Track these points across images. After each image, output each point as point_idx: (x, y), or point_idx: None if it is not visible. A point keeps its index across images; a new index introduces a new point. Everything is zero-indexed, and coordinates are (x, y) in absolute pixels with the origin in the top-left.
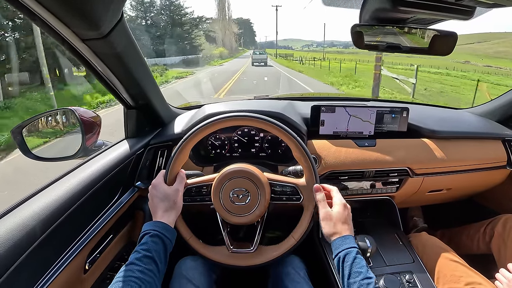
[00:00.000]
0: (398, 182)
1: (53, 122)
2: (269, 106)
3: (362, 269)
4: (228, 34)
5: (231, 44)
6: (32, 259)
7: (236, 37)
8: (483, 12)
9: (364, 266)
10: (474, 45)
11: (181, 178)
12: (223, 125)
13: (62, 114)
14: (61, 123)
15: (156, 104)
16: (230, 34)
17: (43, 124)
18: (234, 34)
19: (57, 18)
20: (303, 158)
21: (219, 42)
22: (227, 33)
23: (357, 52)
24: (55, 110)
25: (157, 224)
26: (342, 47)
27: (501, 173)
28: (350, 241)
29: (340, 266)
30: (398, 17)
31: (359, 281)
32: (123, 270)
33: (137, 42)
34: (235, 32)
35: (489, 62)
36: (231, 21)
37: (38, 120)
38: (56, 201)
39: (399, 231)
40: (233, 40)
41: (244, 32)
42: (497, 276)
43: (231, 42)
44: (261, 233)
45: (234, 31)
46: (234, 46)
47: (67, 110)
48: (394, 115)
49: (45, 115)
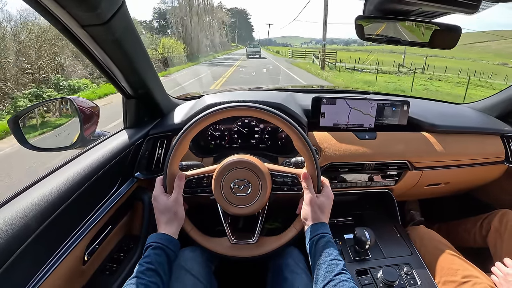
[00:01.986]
0: (397, 175)
1: (51, 112)
2: (270, 96)
3: (333, 251)
4: (206, 24)
5: (213, 38)
6: (31, 251)
7: (227, 29)
8: (488, 6)
9: (336, 250)
10: (489, 43)
11: (179, 186)
12: (223, 115)
13: (60, 104)
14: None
15: (155, 94)
16: (210, 25)
17: (41, 113)
18: (223, 25)
19: (58, 3)
20: (305, 148)
21: (183, 36)
22: (204, 23)
23: (361, 49)
24: (53, 99)
25: (160, 236)
26: (343, 44)
27: (498, 168)
28: (326, 228)
29: (313, 248)
30: (403, 9)
31: (329, 261)
32: (127, 284)
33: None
34: (224, 21)
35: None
36: (214, 8)
37: (36, 109)
38: (54, 191)
39: (397, 224)
40: (217, 32)
41: (240, 25)
42: (493, 270)
43: (213, 35)
44: (262, 224)
45: (223, 20)
46: (218, 41)
47: (65, 100)
48: (395, 108)
49: (43, 105)
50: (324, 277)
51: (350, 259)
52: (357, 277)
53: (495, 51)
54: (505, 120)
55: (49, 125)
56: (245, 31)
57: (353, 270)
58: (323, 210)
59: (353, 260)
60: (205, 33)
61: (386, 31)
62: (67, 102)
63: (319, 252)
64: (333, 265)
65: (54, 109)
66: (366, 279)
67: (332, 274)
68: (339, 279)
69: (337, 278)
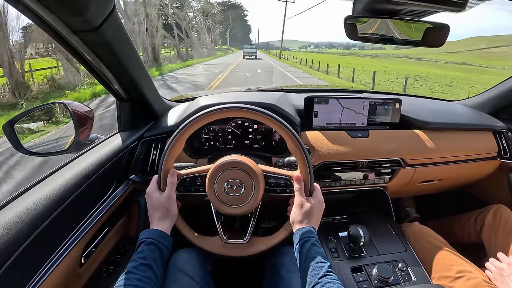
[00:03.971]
0: (390, 173)
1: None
2: (263, 97)
3: (317, 254)
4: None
5: (191, 40)
6: (27, 254)
7: (217, 27)
8: (476, 4)
9: (320, 252)
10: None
11: (172, 183)
12: (217, 116)
13: (54, 108)
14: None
15: (149, 97)
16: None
17: (35, 118)
18: (212, 22)
19: (49, 10)
20: (298, 150)
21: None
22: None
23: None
24: (48, 103)
25: (153, 232)
26: (343, 48)
27: (491, 164)
28: (312, 232)
29: (299, 253)
30: (391, 8)
31: (313, 264)
32: (121, 279)
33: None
34: (214, 13)
35: None
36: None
37: (30, 114)
38: (50, 195)
39: (392, 221)
40: (205, 30)
41: (233, 23)
42: (487, 265)
43: (189, 34)
44: (254, 225)
45: (213, 11)
46: (207, 44)
47: (59, 104)
48: (387, 107)
49: (37, 109)
50: (310, 281)
51: (345, 257)
52: (352, 274)
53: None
54: (496, 116)
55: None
56: (240, 31)
57: (348, 268)
58: (311, 213)
59: (348, 257)
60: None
61: (379, 30)
62: (62, 106)
63: (304, 256)
64: (317, 268)
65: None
66: (361, 276)
67: (317, 277)
68: (324, 282)
69: (322, 280)
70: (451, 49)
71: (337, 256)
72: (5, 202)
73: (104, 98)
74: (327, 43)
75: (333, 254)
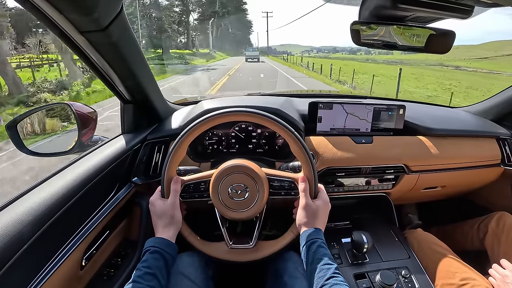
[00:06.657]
0: (394, 179)
1: (48, 117)
2: (267, 102)
3: (324, 256)
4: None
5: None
6: (28, 256)
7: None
8: (482, 11)
9: (327, 254)
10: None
11: (175, 190)
12: (221, 120)
13: (58, 109)
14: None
15: (153, 99)
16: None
17: (38, 118)
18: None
19: (57, 9)
20: (302, 153)
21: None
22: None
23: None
24: (52, 104)
25: (157, 241)
26: (347, 52)
27: (495, 171)
28: (319, 234)
29: (305, 255)
30: (397, 14)
31: (320, 266)
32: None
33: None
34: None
35: None
36: None
37: (33, 114)
38: (52, 197)
39: (395, 228)
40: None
41: (232, 23)
42: (490, 272)
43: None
44: (260, 228)
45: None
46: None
47: (63, 105)
48: (391, 113)
49: (41, 110)
50: (317, 282)
51: (348, 263)
52: (355, 281)
53: None
54: (500, 123)
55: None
56: (241, 32)
57: (351, 274)
58: (317, 215)
59: (351, 264)
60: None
61: (382, 36)
62: (65, 108)
63: (311, 258)
64: (324, 270)
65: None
66: (364, 283)
67: (324, 279)
68: (331, 283)
69: (328, 282)
70: (477, 54)
71: (340, 262)
72: (7, 203)
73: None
74: (330, 47)
75: (336, 260)
